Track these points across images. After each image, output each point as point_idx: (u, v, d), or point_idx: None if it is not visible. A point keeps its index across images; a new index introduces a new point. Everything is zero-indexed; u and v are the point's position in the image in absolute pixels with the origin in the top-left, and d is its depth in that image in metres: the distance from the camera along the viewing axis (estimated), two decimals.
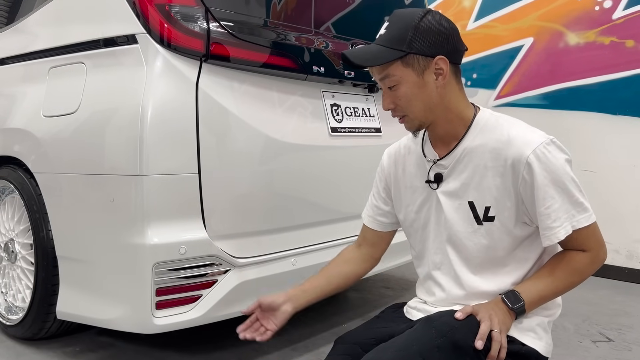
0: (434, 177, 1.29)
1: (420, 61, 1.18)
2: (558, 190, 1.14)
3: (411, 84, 1.19)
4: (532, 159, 1.14)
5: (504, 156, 1.18)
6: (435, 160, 1.29)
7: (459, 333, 1.09)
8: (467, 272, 1.26)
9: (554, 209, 1.14)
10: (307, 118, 2.05)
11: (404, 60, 1.18)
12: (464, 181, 1.24)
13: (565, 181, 1.15)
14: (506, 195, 1.20)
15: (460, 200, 1.25)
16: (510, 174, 1.18)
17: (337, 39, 2.19)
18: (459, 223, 1.26)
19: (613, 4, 3.35)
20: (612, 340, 2.39)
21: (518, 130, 1.20)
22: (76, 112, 1.82)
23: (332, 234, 2.15)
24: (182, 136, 1.68)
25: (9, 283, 2.26)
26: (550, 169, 1.14)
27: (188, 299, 1.71)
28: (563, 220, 1.14)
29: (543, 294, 1.19)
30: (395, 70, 1.19)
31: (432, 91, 1.20)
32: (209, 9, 1.74)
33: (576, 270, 1.19)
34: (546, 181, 1.14)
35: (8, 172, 2.15)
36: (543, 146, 1.15)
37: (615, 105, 3.39)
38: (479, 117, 1.25)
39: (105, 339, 2.18)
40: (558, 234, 1.15)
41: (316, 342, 2.22)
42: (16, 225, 2.17)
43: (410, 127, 1.26)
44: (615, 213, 3.38)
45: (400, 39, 1.18)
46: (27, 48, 2.13)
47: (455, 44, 1.21)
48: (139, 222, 1.64)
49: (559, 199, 1.14)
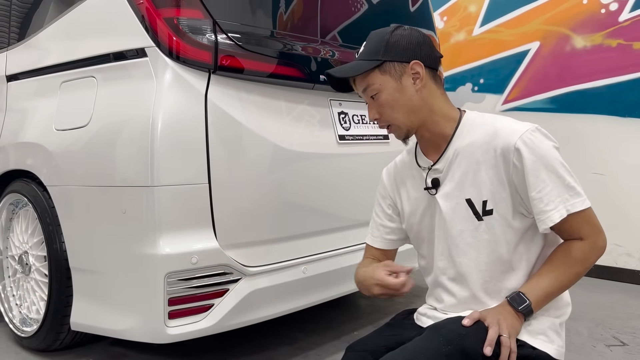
0: (431, 182, 1.32)
1: (397, 67, 1.26)
2: (548, 173, 1.16)
3: (391, 90, 1.26)
4: (519, 145, 1.17)
5: (492, 147, 1.22)
6: (429, 166, 1.32)
7: (467, 340, 1.09)
8: (472, 274, 1.26)
9: (546, 192, 1.16)
10: (315, 126, 2.07)
11: (381, 69, 1.26)
12: (459, 180, 1.27)
13: (554, 165, 1.17)
14: (501, 186, 1.22)
15: (458, 200, 1.27)
16: (502, 163, 1.21)
17: (344, 47, 2.20)
18: (461, 223, 1.27)
19: (619, 7, 3.34)
20: (626, 344, 2.36)
21: (503, 122, 1.24)
22: (87, 125, 1.85)
23: (342, 242, 2.15)
24: (192, 147, 1.70)
25: (23, 295, 2.29)
26: (539, 153, 1.17)
27: (200, 309, 1.72)
28: (557, 204, 1.16)
29: (549, 291, 1.19)
30: (374, 78, 1.27)
31: (412, 95, 1.26)
32: (217, 21, 1.77)
33: (577, 259, 1.19)
34: (536, 165, 1.16)
35: (21, 185, 2.18)
36: (529, 132, 1.18)
37: (624, 108, 3.37)
38: (465, 118, 1.30)
39: (119, 349, 2.19)
40: (552, 217, 1.16)
41: (328, 349, 2.22)
42: (30, 238, 2.20)
43: (398, 135, 1.32)
44: (626, 216, 3.35)
45: (375, 51, 1.27)
46: (38, 63, 2.17)
47: (429, 50, 1.28)
48: (151, 233, 1.66)
49: (550, 183, 1.16)
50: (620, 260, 3.34)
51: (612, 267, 3.35)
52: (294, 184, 1.96)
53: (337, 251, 2.12)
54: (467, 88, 4.06)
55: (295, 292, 1.98)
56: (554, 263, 1.20)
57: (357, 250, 2.19)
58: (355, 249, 2.18)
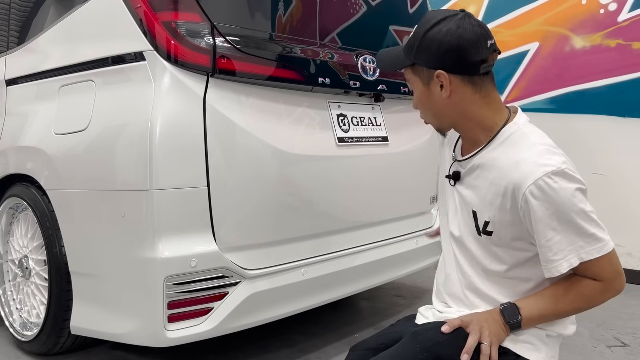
0: (453, 173, 1.29)
1: (425, 72, 1.20)
2: (561, 222, 1.08)
3: (420, 92, 1.22)
4: (532, 190, 1.08)
5: (506, 179, 1.14)
6: (457, 159, 1.30)
7: (442, 348, 1.08)
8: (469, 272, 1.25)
9: (555, 242, 1.09)
10: (313, 129, 2.07)
11: (413, 68, 1.22)
12: (473, 190, 1.24)
13: (570, 213, 1.08)
14: (505, 215, 1.16)
15: (467, 207, 1.26)
16: (511, 198, 1.14)
17: (342, 49, 2.20)
18: (466, 227, 1.26)
19: (618, 7, 3.34)
20: (627, 344, 2.36)
21: (531, 154, 1.12)
22: (86, 129, 1.85)
23: (342, 244, 2.15)
24: (191, 150, 1.70)
25: (23, 299, 2.29)
26: (554, 201, 1.07)
27: (200, 312, 1.72)
28: (566, 253, 1.09)
29: (544, 314, 1.15)
30: (408, 74, 1.24)
31: (439, 102, 1.20)
32: (215, 25, 1.77)
33: (584, 296, 1.14)
34: (548, 213, 1.08)
35: (21, 189, 2.18)
36: (548, 176, 1.07)
37: (624, 108, 3.37)
38: (506, 129, 1.19)
39: (119, 353, 2.19)
40: (559, 267, 1.10)
41: (328, 352, 2.22)
42: (30, 242, 2.20)
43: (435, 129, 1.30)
44: (627, 216, 3.35)
45: (410, 47, 1.20)
46: (37, 67, 2.17)
47: (463, 55, 1.14)
48: (150, 236, 1.65)
49: (561, 232, 1.08)
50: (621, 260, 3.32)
51: None
52: (292, 187, 1.95)
53: (337, 253, 2.12)
54: None
55: (295, 294, 1.98)
56: (559, 290, 1.15)
57: (358, 252, 2.20)
58: (355, 250, 2.18)
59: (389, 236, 2.35)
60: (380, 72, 2.27)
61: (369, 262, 2.23)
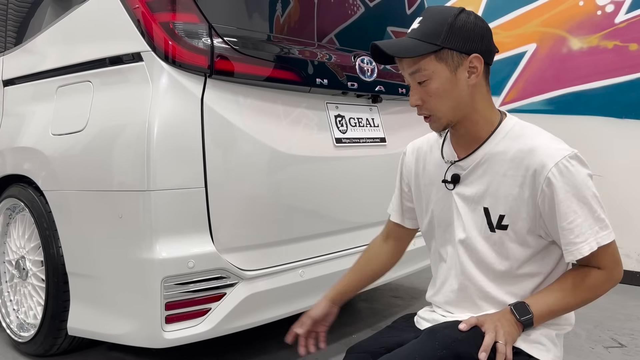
0: (451, 177, 1.28)
1: (455, 57, 1.16)
2: (581, 205, 1.12)
3: (444, 80, 1.16)
4: (554, 172, 1.12)
5: (525, 166, 1.16)
6: (453, 161, 1.28)
7: (461, 345, 1.08)
8: (477, 277, 1.25)
9: (577, 224, 1.11)
10: (311, 130, 2.07)
11: (437, 55, 1.15)
12: (481, 186, 1.23)
13: (587, 196, 1.12)
14: (522, 206, 1.17)
15: (476, 205, 1.24)
16: (530, 185, 1.15)
17: (340, 50, 2.21)
18: (474, 227, 1.24)
19: (615, 8, 3.35)
20: (624, 345, 2.36)
21: (542, 141, 1.17)
22: (84, 130, 1.85)
23: (339, 245, 2.15)
24: (188, 151, 1.70)
25: (20, 300, 2.28)
26: (573, 183, 1.12)
27: (197, 313, 1.72)
28: (588, 236, 1.11)
29: (553, 308, 1.17)
30: (428, 64, 1.16)
31: (463, 89, 1.18)
32: (212, 25, 1.77)
33: (590, 286, 1.16)
34: (568, 195, 1.11)
35: (18, 190, 2.18)
36: (566, 159, 1.12)
37: (621, 109, 3.38)
38: (504, 123, 1.23)
39: (117, 354, 2.19)
40: (582, 249, 1.12)
41: (326, 353, 2.21)
42: (27, 243, 2.20)
43: (436, 127, 1.23)
44: (624, 217, 3.35)
45: (435, 34, 1.15)
46: (35, 68, 2.17)
47: (489, 44, 1.18)
48: (147, 237, 1.65)
49: (581, 214, 1.11)
50: None
51: None
52: (290, 188, 1.96)
53: (335, 254, 2.12)
54: None
55: (293, 295, 1.98)
56: (565, 283, 1.18)
57: (355, 253, 2.19)
58: (353, 251, 2.18)
59: None
60: (378, 73, 2.28)
61: None
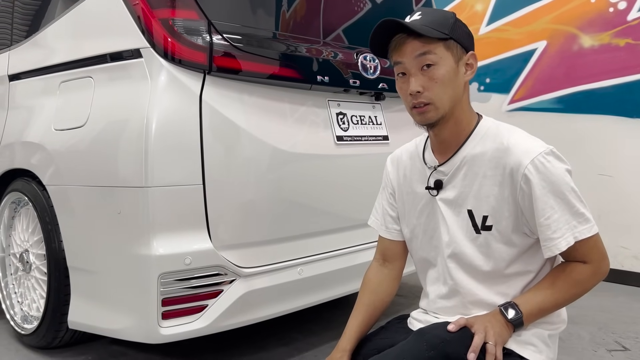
0: (434, 183, 1.29)
1: (458, 50, 1.21)
2: (557, 200, 1.13)
3: (449, 68, 1.19)
4: (530, 169, 1.14)
5: (502, 165, 1.18)
6: (435, 166, 1.29)
7: (450, 346, 1.08)
8: (465, 280, 1.25)
9: (554, 220, 1.13)
10: (312, 127, 2.06)
11: (445, 44, 1.19)
12: (463, 189, 1.24)
13: (564, 191, 1.14)
14: (504, 204, 1.19)
15: (460, 209, 1.25)
16: (509, 183, 1.17)
17: (342, 47, 2.19)
18: (459, 231, 1.25)
19: (628, 5, 3.29)
20: (628, 349, 2.33)
21: (517, 139, 1.19)
22: (84, 125, 1.86)
23: (339, 243, 2.14)
24: (187, 148, 1.70)
25: (24, 293, 2.31)
26: (550, 179, 1.13)
27: (194, 309, 1.72)
28: (564, 231, 1.13)
29: (543, 306, 1.17)
30: (438, 49, 1.18)
31: (460, 83, 1.22)
32: (212, 22, 1.76)
33: (577, 282, 1.17)
34: (545, 191, 1.13)
35: (22, 184, 2.20)
36: (542, 156, 1.14)
37: (632, 108, 3.32)
38: (481, 125, 1.26)
39: (118, 348, 2.21)
40: (559, 244, 1.13)
41: (325, 351, 2.21)
42: (30, 236, 2.23)
43: (430, 117, 1.21)
44: (633, 218, 3.30)
45: (443, 24, 1.19)
46: (39, 63, 2.19)
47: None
48: (145, 233, 1.66)
49: (558, 210, 1.13)
50: (627, 263, 3.30)
51: (618, 270, 3.30)
52: (289, 185, 1.95)
53: (334, 252, 2.11)
54: (473, 87, 4.02)
55: (291, 293, 1.98)
56: (553, 280, 1.19)
57: (355, 251, 2.19)
58: (352, 250, 2.17)
59: None
60: (382, 70, 2.26)
61: (367, 261, 2.20)
